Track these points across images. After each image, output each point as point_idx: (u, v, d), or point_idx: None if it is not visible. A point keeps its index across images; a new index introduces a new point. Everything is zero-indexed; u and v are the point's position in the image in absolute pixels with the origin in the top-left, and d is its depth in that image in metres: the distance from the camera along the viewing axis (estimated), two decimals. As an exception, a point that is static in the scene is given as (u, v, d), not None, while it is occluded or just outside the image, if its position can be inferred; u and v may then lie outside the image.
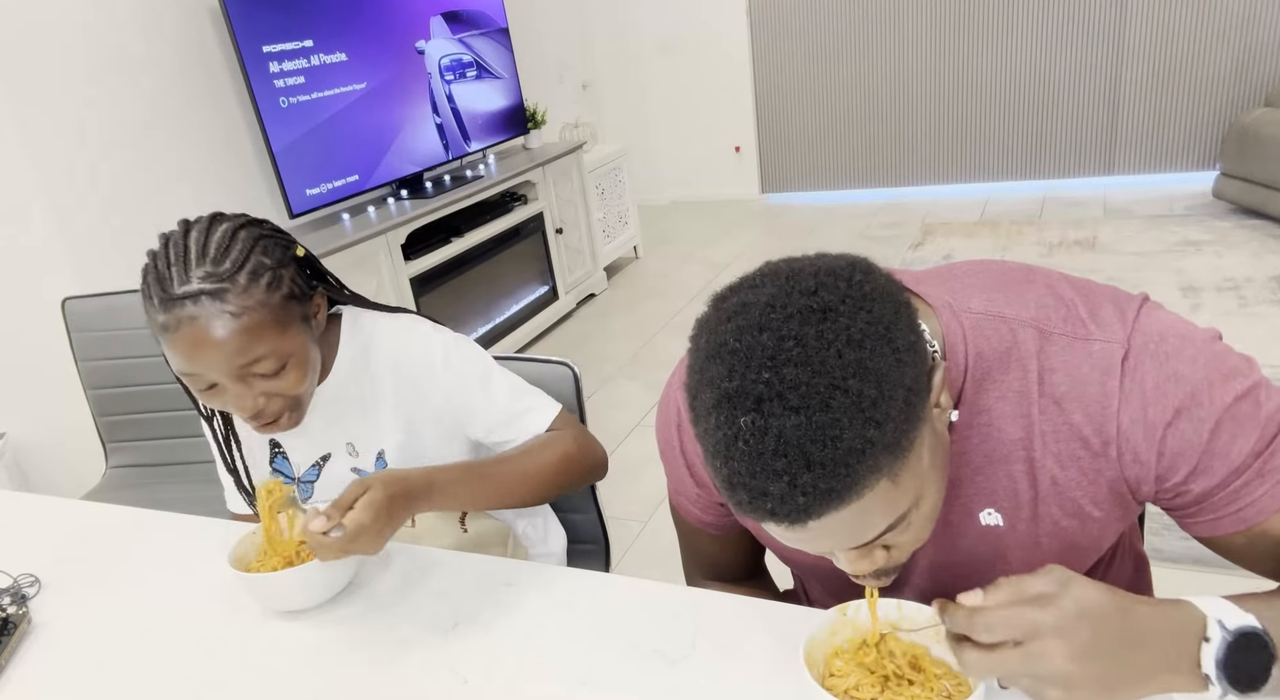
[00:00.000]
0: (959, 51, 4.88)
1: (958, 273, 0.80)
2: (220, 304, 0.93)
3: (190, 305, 0.92)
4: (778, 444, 0.56)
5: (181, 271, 0.93)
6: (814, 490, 0.57)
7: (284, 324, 0.98)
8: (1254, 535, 0.71)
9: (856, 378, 0.56)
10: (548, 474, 1.12)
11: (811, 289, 0.60)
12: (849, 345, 0.57)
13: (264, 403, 1.00)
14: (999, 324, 0.74)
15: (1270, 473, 0.69)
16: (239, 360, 0.95)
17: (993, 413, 0.75)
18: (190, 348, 0.93)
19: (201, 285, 0.92)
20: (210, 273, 0.93)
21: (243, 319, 0.94)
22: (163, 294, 0.93)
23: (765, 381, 0.57)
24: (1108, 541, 0.80)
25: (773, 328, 0.58)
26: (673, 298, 4.17)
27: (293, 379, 1.01)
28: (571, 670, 0.87)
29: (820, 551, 0.67)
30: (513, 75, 3.99)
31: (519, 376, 1.19)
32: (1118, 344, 0.71)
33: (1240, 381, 0.70)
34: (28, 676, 0.97)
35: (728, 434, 0.58)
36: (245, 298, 0.94)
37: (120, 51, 2.59)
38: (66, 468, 2.59)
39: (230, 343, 0.94)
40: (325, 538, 0.92)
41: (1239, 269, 3.51)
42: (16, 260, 2.45)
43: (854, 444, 0.56)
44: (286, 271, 1.00)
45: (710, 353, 0.61)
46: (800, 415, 0.56)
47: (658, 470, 0.97)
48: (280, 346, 0.98)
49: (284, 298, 0.98)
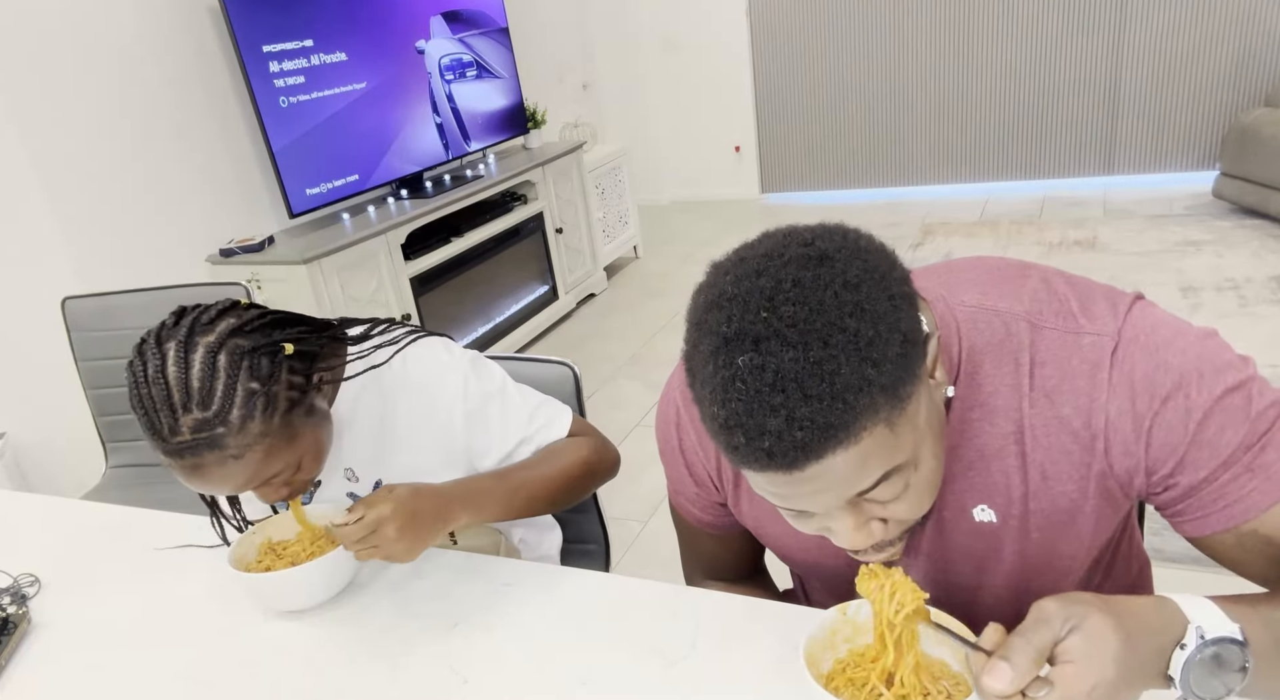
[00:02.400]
0: (959, 51, 4.88)
1: (953, 268, 0.80)
2: (220, 451, 0.88)
3: (190, 456, 0.88)
4: (775, 379, 0.56)
5: (170, 419, 0.86)
6: (811, 424, 0.56)
7: (290, 436, 0.95)
8: (1243, 535, 0.70)
9: (854, 317, 0.57)
10: (572, 479, 1.12)
11: (808, 240, 0.61)
12: (845, 287, 0.58)
13: (286, 491, 1.01)
14: (992, 317, 0.74)
15: (1260, 469, 0.68)
16: (253, 485, 0.95)
17: (986, 407, 0.75)
18: (200, 486, 0.92)
19: (195, 436, 0.87)
20: (201, 421, 0.87)
21: (245, 458, 0.90)
22: (159, 442, 0.88)
23: (763, 320, 0.57)
24: (1100, 537, 0.80)
25: (770, 273, 0.59)
26: (673, 298, 4.17)
27: (309, 469, 1.00)
28: (571, 670, 0.87)
29: (816, 507, 0.65)
30: (513, 75, 3.99)
31: (530, 388, 1.18)
32: (1108, 337, 0.71)
33: (1232, 375, 0.69)
34: (28, 676, 0.97)
35: (725, 376, 0.58)
36: (244, 436, 0.89)
37: (120, 51, 2.59)
38: (66, 468, 2.59)
39: (239, 477, 0.92)
40: (346, 529, 0.93)
41: (1239, 269, 3.51)
42: (16, 260, 2.45)
43: (851, 380, 0.56)
44: (279, 386, 0.93)
45: (708, 304, 0.61)
46: (798, 350, 0.56)
47: (658, 470, 0.97)
48: (291, 458, 0.96)
49: (284, 414, 0.93)
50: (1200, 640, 0.58)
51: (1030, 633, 0.57)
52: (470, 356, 1.14)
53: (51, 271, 2.45)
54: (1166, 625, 0.59)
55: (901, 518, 0.68)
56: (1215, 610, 0.60)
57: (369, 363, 1.09)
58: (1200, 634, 0.58)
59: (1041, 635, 0.57)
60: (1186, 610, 0.60)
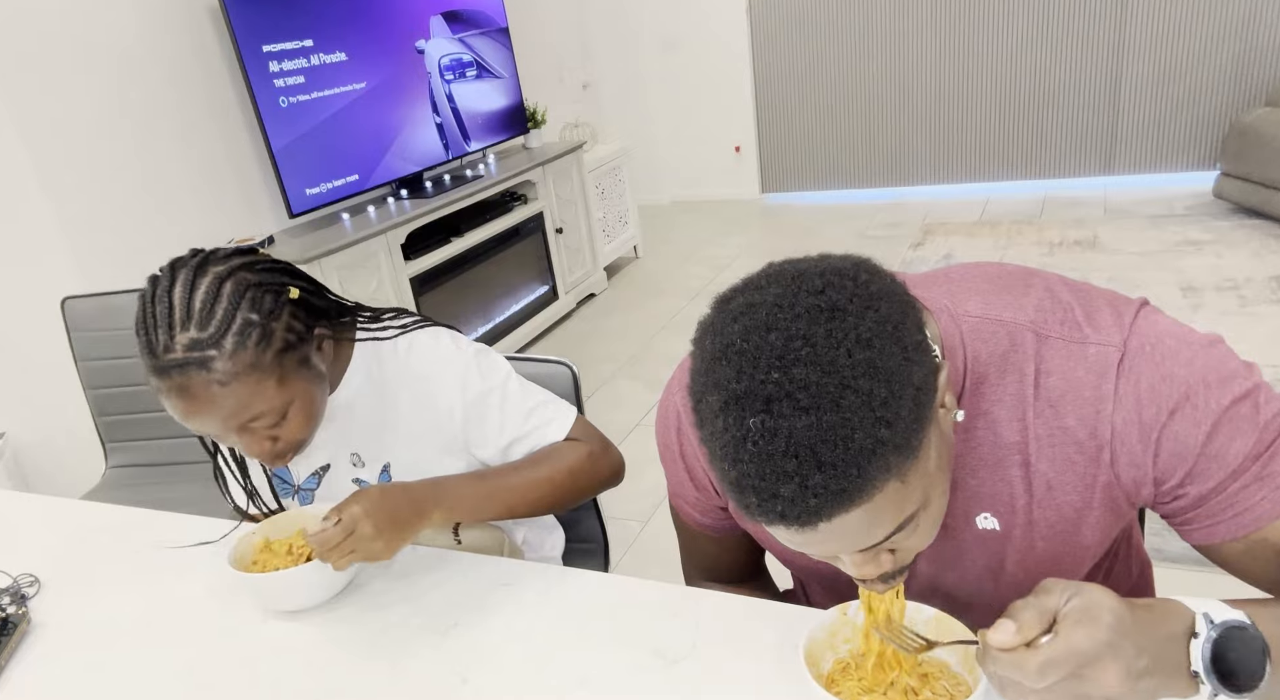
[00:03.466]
0: (959, 51, 4.87)
1: (955, 276, 0.80)
2: (206, 373, 0.89)
3: (177, 375, 0.89)
4: (788, 445, 0.56)
5: (167, 336, 0.89)
6: (825, 491, 0.56)
7: (279, 378, 0.95)
8: (1252, 543, 0.70)
9: (867, 377, 0.56)
10: (557, 484, 1.11)
11: (819, 288, 0.59)
12: (858, 344, 0.56)
13: (270, 445, 0.99)
14: (996, 327, 0.74)
15: (1269, 478, 0.68)
16: (235, 421, 0.94)
17: (990, 417, 0.74)
18: (184, 412, 0.92)
19: (187, 354, 0.89)
20: (195, 340, 0.89)
21: (231, 386, 0.91)
22: (151, 359, 0.90)
23: (775, 382, 0.56)
24: (1103, 545, 0.80)
25: (780, 327, 0.58)
26: (673, 298, 4.17)
27: (296, 424, 0.99)
28: (571, 670, 0.87)
29: (826, 555, 0.66)
30: (513, 75, 3.99)
31: (537, 386, 1.18)
32: (1114, 347, 0.71)
33: (1239, 384, 0.69)
34: (28, 676, 0.97)
35: (736, 436, 0.57)
36: (233, 363, 0.90)
37: (120, 51, 2.59)
38: (66, 468, 2.59)
39: (223, 407, 0.92)
40: (325, 535, 0.92)
41: (1239, 269, 3.51)
42: (16, 260, 2.45)
43: (865, 444, 0.55)
44: (278, 324, 0.95)
45: (716, 354, 0.60)
46: (811, 415, 0.55)
47: (658, 470, 0.97)
48: (276, 401, 0.95)
49: (277, 352, 0.94)
50: (1210, 623, 0.59)
51: (1033, 599, 0.59)
52: (476, 349, 1.15)
53: (51, 271, 2.45)
54: (1171, 612, 0.60)
55: (910, 548, 0.68)
56: (1219, 602, 0.61)
57: (375, 342, 1.12)
58: (1209, 618, 0.59)
59: (1044, 601, 0.58)
60: (1190, 603, 0.61)
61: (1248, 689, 0.58)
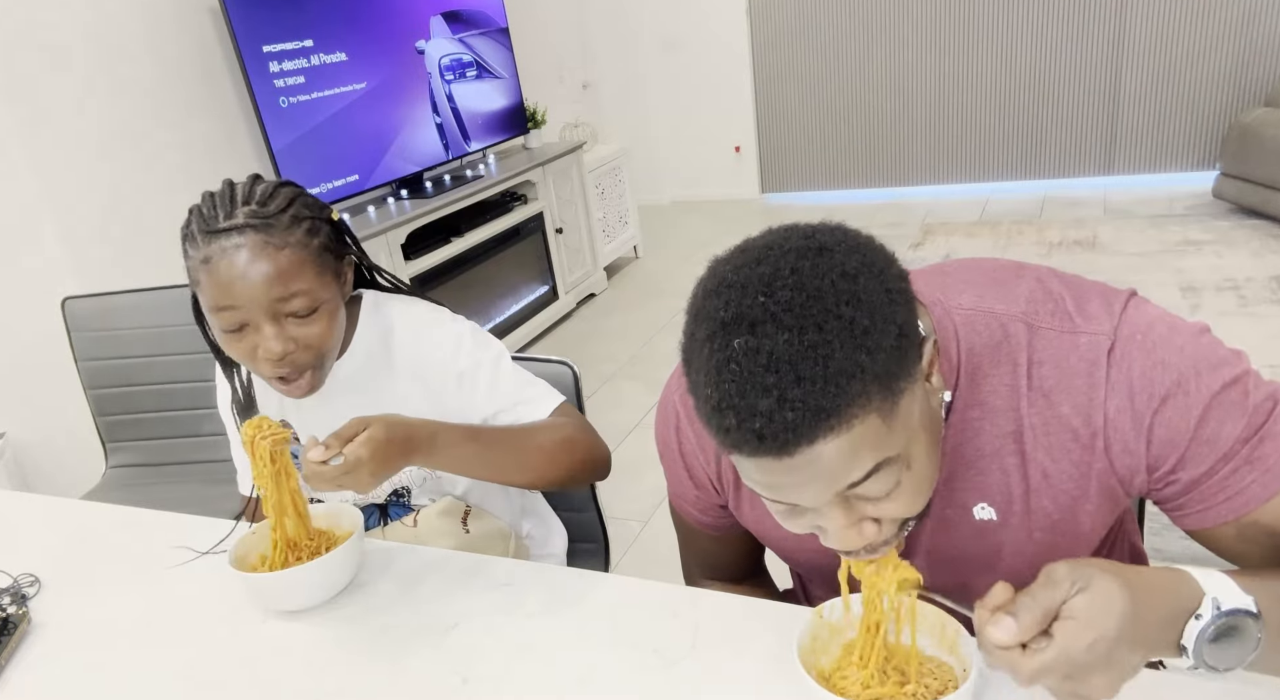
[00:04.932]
0: (959, 51, 4.88)
1: (949, 271, 0.81)
2: (264, 236, 0.98)
3: (235, 235, 0.97)
4: (769, 360, 0.57)
5: (228, 208, 0.99)
6: (803, 406, 0.57)
7: (319, 269, 1.03)
8: (1244, 526, 0.71)
9: (850, 305, 0.58)
10: (550, 452, 1.10)
11: (809, 233, 0.63)
12: (843, 277, 0.59)
13: (292, 348, 1.01)
14: (989, 319, 0.75)
15: (1259, 461, 0.69)
16: (276, 292, 0.98)
17: (985, 407, 0.75)
18: (230, 277, 0.97)
19: (248, 219, 0.98)
20: (255, 211, 0.99)
21: (285, 252, 0.99)
22: (206, 227, 0.98)
23: (760, 305, 0.58)
24: (1099, 534, 0.80)
25: (770, 261, 0.60)
26: (673, 298, 4.17)
27: (321, 327, 1.03)
28: (571, 670, 0.87)
29: (807, 501, 0.64)
30: (513, 75, 3.99)
31: (528, 372, 1.19)
32: (1104, 336, 0.72)
33: (1228, 369, 0.70)
34: (28, 676, 0.97)
35: (720, 359, 0.59)
36: (287, 235, 1.00)
37: (120, 51, 2.59)
38: (66, 468, 2.59)
39: (270, 273, 0.98)
40: (321, 467, 0.91)
41: (1239, 269, 3.51)
42: (16, 260, 2.45)
43: (844, 365, 0.57)
44: (324, 225, 1.06)
45: (707, 293, 0.62)
46: (792, 333, 0.57)
47: (658, 470, 0.97)
48: (315, 289, 1.02)
49: (321, 247, 1.03)
50: (1216, 610, 0.59)
51: (1038, 591, 0.59)
52: (471, 326, 1.18)
53: (51, 271, 2.45)
54: (1179, 594, 0.60)
55: (893, 516, 0.67)
56: (1230, 583, 0.61)
57: (380, 310, 1.16)
58: (1217, 605, 0.59)
59: (1049, 594, 0.58)
60: (1202, 582, 0.61)
61: (1227, 668, 0.59)
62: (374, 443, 0.93)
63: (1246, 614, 0.59)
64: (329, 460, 0.92)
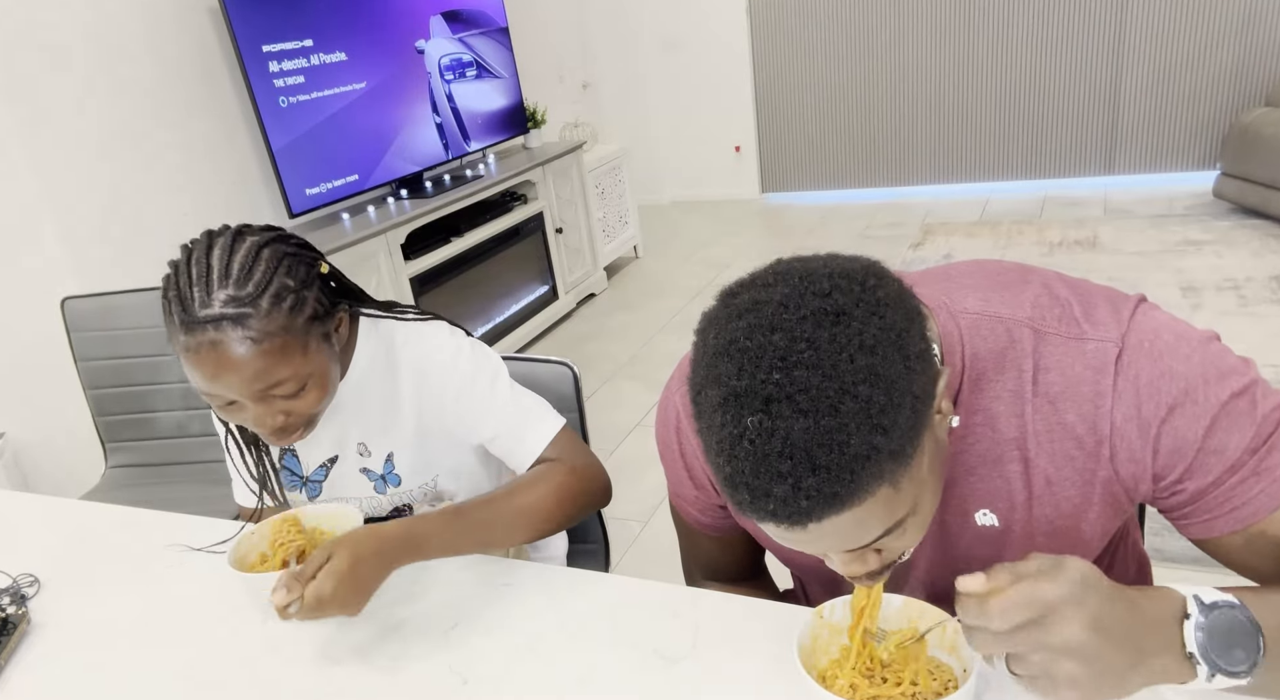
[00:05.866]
0: (959, 51, 4.87)
1: (954, 273, 0.80)
2: (242, 330, 0.92)
3: (212, 330, 0.91)
4: (784, 446, 0.56)
5: (204, 293, 0.92)
6: (817, 494, 0.56)
7: (305, 346, 0.98)
8: (1251, 536, 0.71)
9: (867, 384, 0.56)
10: (543, 508, 1.07)
11: (826, 291, 0.59)
12: (861, 350, 0.57)
13: (284, 419, 1.00)
14: (995, 324, 0.74)
15: (1266, 471, 0.69)
16: (259, 384, 0.95)
17: (989, 413, 0.75)
18: (212, 371, 0.93)
19: (224, 310, 0.91)
20: (233, 296, 0.92)
21: (264, 345, 0.93)
22: (185, 315, 0.92)
23: (775, 382, 0.56)
24: (1103, 541, 0.80)
25: (785, 328, 0.58)
26: (673, 298, 4.17)
27: (312, 398, 1.00)
28: (571, 670, 0.87)
29: (815, 552, 0.67)
30: (513, 75, 3.99)
31: (528, 390, 1.18)
32: (1112, 343, 0.71)
33: (1236, 379, 0.69)
34: (27, 676, 0.97)
35: (733, 433, 0.58)
36: (268, 322, 0.93)
37: (120, 51, 2.59)
38: (66, 468, 2.59)
39: (251, 367, 0.93)
40: (291, 613, 0.88)
41: (1239, 269, 3.51)
42: (16, 260, 2.45)
43: (860, 450, 0.56)
44: (310, 292, 0.99)
45: (719, 350, 0.60)
46: (809, 418, 0.56)
47: (658, 470, 0.97)
48: (301, 369, 0.97)
49: (307, 320, 0.98)
50: (1200, 604, 0.59)
51: (1011, 564, 0.60)
52: (471, 341, 1.18)
53: (51, 271, 2.45)
54: (1164, 597, 0.60)
55: (897, 549, 0.68)
56: (1209, 587, 0.61)
57: (379, 328, 1.14)
58: (1199, 599, 0.59)
59: (1021, 566, 0.59)
60: (1179, 588, 0.61)
61: (1243, 669, 0.59)
62: (337, 575, 0.88)
63: (1229, 607, 0.59)
64: (290, 606, 0.87)
